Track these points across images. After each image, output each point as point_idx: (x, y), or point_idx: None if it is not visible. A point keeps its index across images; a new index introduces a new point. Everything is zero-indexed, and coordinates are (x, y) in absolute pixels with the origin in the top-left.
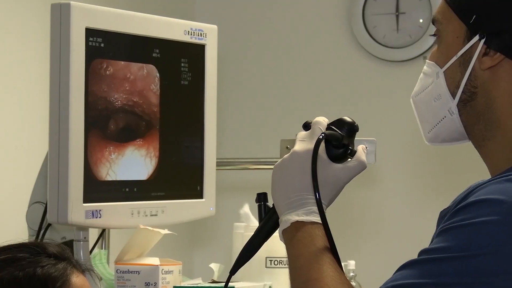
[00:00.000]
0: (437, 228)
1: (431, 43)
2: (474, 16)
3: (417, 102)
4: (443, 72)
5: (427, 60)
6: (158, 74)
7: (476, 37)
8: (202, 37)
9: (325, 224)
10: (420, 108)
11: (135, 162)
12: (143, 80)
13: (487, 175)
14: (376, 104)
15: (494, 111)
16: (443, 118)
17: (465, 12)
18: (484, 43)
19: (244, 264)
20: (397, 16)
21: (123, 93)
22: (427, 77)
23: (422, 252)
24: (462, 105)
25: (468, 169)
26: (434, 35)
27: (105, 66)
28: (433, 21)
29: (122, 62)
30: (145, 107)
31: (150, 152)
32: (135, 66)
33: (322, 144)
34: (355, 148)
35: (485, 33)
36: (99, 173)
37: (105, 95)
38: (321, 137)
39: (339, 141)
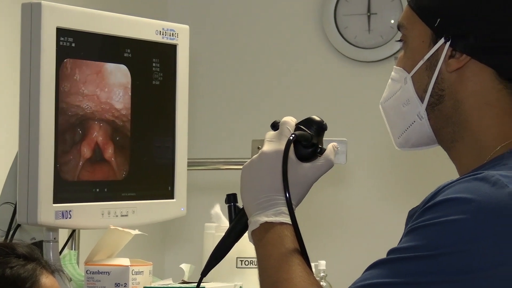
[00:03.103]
0: (406, 227)
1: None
2: (439, 20)
3: (386, 108)
4: (411, 77)
5: (394, 66)
6: (129, 74)
7: (442, 40)
8: (174, 37)
9: (295, 224)
10: (389, 114)
11: (105, 162)
12: (114, 80)
13: (456, 176)
14: (347, 105)
15: (462, 113)
16: (413, 123)
17: (430, 16)
18: (450, 45)
19: (215, 265)
20: (369, 17)
21: (94, 93)
22: (395, 82)
23: (391, 251)
24: (431, 109)
25: (437, 169)
26: (400, 40)
27: (76, 66)
28: (399, 27)
29: (94, 62)
30: (116, 107)
31: (122, 152)
32: (106, 66)
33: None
34: (324, 147)
35: (450, 35)
36: (69, 173)
37: (76, 95)
38: (291, 138)
39: (309, 141)
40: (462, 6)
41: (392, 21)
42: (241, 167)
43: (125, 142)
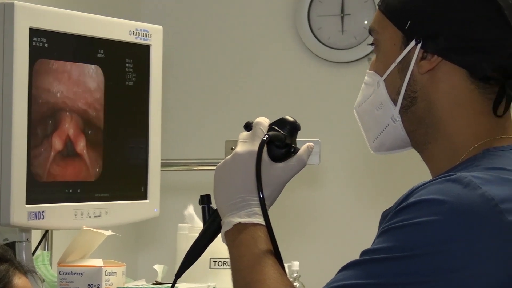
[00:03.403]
0: (379, 229)
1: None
2: (409, 22)
3: (360, 112)
4: (383, 80)
5: (367, 70)
6: (102, 75)
7: (413, 42)
8: (147, 37)
9: (268, 225)
10: (363, 118)
11: (79, 163)
12: (88, 80)
13: (429, 177)
14: (321, 105)
15: (435, 114)
16: (387, 126)
17: (400, 19)
18: (421, 47)
19: (190, 266)
20: (342, 18)
21: (67, 93)
22: (369, 86)
23: (364, 253)
24: (404, 112)
25: (410, 171)
26: (372, 44)
27: (49, 66)
28: (370, 31)
29: (67, 63)
30: (90, 107)
31: (94, 153)
32: (79, 67)
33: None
34: (298, 147)
35: (421, 37)
36: (42, 174)
37: (49, 96)
38: (265, 138)
39: (282, 141)
40: (432, 7)
41: (366, 22)
42: (214, 167)
43: (98, 137)
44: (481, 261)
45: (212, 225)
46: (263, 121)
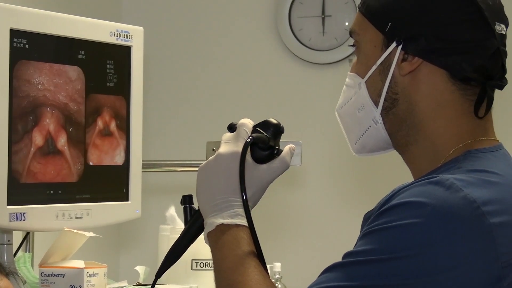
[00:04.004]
0: (361, 231)
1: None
2: (390, 24)
3: (342, 114)
4: (365, 82)
5: (348, 72)
6: (83, 76)
7: (393, 44)
8: (128, 38)
9: (251, 227)
10: (345, 120)
11: (60, 160)
12: (69, 81)
13: (411, 179)
14: (302, 106)
15: (416, 115)
16: (368, 128)
17: (380, 21)
18: (402, 49)
19: (170, 267)
20: (323, 19)
21: (48, 94)
22: (350, 88)
23: (346, 255)
24: (385, 113)
25: (392, 172)
26: (353, 45)
27: (30, 68)
28: (351, 33)
29: (48, 64)
30: (71, 108)
31: (76, 150)
32: (60, 68)
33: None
34: (280, 148)
35: (401, 39)
36: (23, 175)
37: (29, 97)
38: (249, 140)
39: (266, 143)
40: (412, 9)
41: (347, 23)
42: (195, 169)
43: (79, 134)
44: (462, 263)
45: (193, 225)
46: (247, 123)
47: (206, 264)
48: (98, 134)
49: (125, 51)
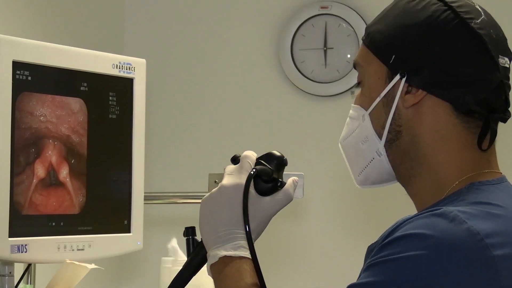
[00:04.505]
0: (364, 263)
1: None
2: (394, 56)
3: (345, 146)
4: (368, 114)
5: (352, 104)
6: (86, 108)
7: (397, 77)
8: (131, 70)
9: (255, 259)
10: (348, 152)
11: (62, 192)
12: (71, 113)
13: (414, 211)
14: (304, 138)
15: (420, 148)
16: (372, 160)
17: (384, 53)
18: (406, 81)
19: None
20: (325, 51)
21: (50, 126)
22: (354, 120)
23: (350, 287)
24: (389, 145)
25: (395, 205)
26: (359, 83)
27: (32, 100)
28: (354, 65)
29: (50, 96)
30: (73, 140)
31: (78, 182)
32: (62, 100)
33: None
34: (284, 181)
35: (405, 71)
36: (25, 207)
37: (32, 129)
38: (252, 172)
39: (269, 176)
40: (416, 42)
41: (349, 56)
42: (197, 201)
43: (81, 166)
44: None
45: (196, 257)
46: (251, 155)
47: None
48: None
49: (128, 83)
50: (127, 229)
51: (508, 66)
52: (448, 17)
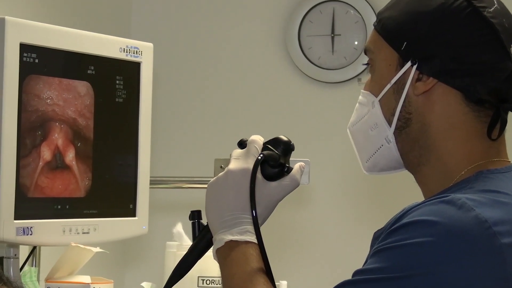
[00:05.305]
0: (371, 249)
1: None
2: (405, 43)
3: (354, 132)
4: (378, 101)
5: (362, 90)
6: (92, 91)
7: (408, 64)
8: (138, 54)
9: (261, 244)
10: (357, 138)
11: (67, 175)
12: (78, 97)
13: (421, 198)
14: (311, 125)
15: (429, 136)
16: (381, 147)
17: (396, 40)
18: (417, 68)
19: (176, 283)
20: (333, 38)
21: (57, 109)
22: (363, 106)
23: (356, 273)
24: (398, 133)
25: (402, 191)
26: (367, 64)
27: (39, 82)
28: (365, 51)
29: (57, 79)
30: (79, 124)
31: (83, 165)
32: (69, 83)
33: None
34: (291, 167)
35: (416, 59)
36: (31, 189)
37: (38, 112)
38: (260, 157)
39: (276, 161)
40: (428, 29)
41: (356, 43)
42: (203, 186)
43: (87, 149)
44: (472, 283)
45: (201, 241)
46: (258, 140)
47: (213, 281)
48: None
49: (135, 67)
50: (132, 213)
51: None
52: (461, 5)
